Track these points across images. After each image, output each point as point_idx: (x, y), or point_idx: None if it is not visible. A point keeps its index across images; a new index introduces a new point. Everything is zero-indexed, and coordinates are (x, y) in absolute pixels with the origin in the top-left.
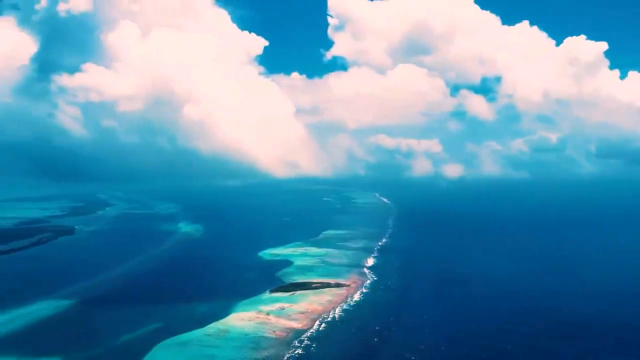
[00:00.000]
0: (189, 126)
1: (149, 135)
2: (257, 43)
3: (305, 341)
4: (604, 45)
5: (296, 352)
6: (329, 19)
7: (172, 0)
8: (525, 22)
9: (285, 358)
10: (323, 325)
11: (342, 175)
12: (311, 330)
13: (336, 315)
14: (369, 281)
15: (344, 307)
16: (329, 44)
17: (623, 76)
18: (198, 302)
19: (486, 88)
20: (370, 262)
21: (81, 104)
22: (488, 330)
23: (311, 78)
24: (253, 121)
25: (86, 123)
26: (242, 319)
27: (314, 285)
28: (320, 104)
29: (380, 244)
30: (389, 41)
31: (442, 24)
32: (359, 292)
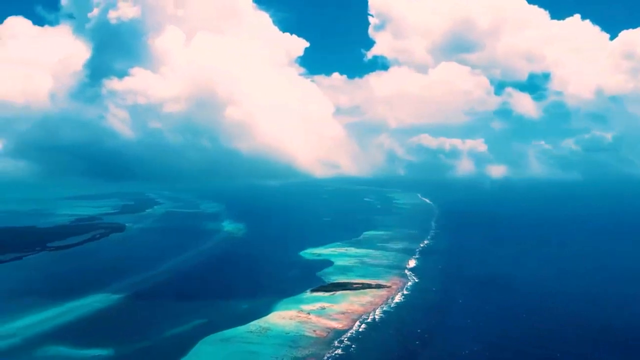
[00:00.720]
0: (230, 127)
1: (192, 136)
2: (298, 44)
3: (345, 341)
4: None
5: (336, 352)
6: (370, 19)
7: (215, 5)
8: (577, 16)
9: (325, 358)
10: (363, 326)
11: (382, 175)
12: (351, 330)
13: (376, 317)
14: (410, 283)
15: (385, 308)
16: (369, 43)
17: None
18: (240, 299)
19: (533, 85)
20: (412, 263)
21: (129, 106)
22: (533, 336)
23: (352, 78)
24: (292, 122)
25: (134, 125)
26: (283, 318)
27: (354, 285)
28: (361, 104)
29: (422, 245)
30: (430, 39)
31: (488, 20)
32: (400, 294)
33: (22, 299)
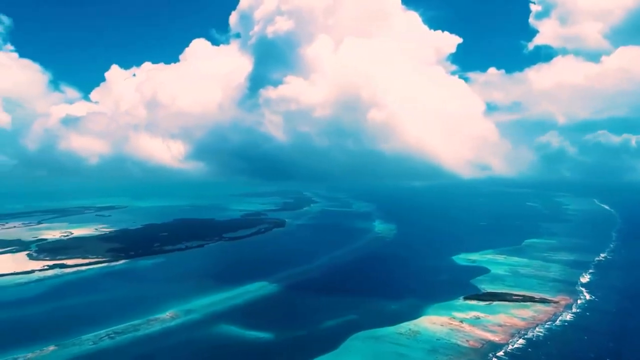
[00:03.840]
0: (374, 129)
1: (338, 138)
2: (450, 41)
3: (502, 356)
4: None
5: None
6: (532, 6)
7: (364, 10)
8: None
9: None
10: (522, 341)
11: (542, 177)
12: (509, 345)
13: (539, 334)
14: (581, 300)
15: (549, 326)
16: (530, 33)
17: None
18: (390, 300)
19: None
20: (585, 278)
21: (283, 112)
22: None
23: (510, 73)
24: (438, 121)
25: (286, 129)
26: (433, 323)
27: (514, 297)
28: (521, 100)
29: (598, 258)
30: (608, 22)
31: None
32: (568, 312)
33: (203, 281)
